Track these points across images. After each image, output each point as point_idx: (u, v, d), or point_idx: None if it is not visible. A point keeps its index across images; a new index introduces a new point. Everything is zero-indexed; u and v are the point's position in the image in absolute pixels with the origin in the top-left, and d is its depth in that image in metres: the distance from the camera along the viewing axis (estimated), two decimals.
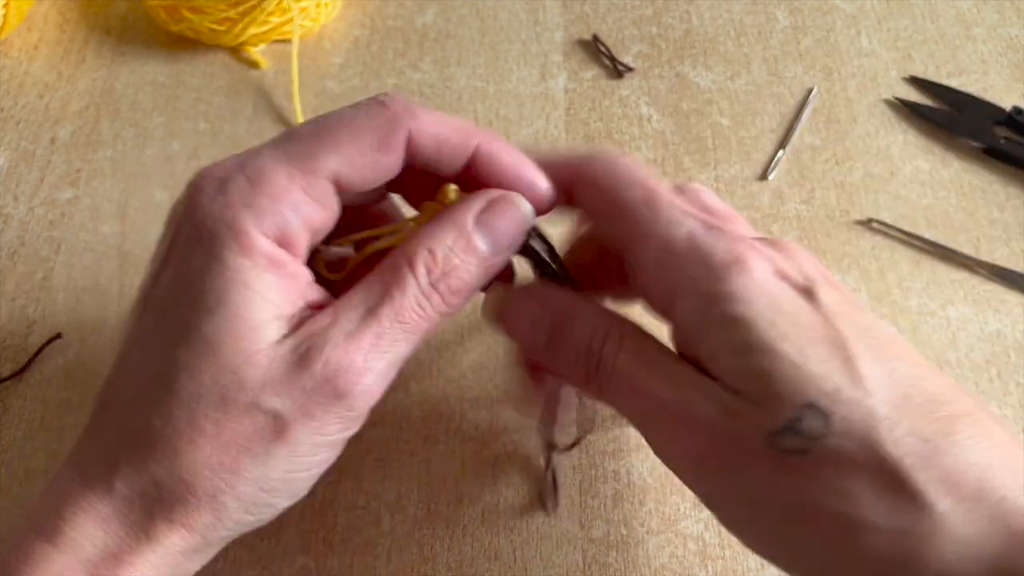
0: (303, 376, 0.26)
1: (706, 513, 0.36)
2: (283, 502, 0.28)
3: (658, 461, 0.37)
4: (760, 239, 0.28)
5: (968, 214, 0.44)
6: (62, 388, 0.40)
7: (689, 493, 0.37)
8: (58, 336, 0.41)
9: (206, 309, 0.26)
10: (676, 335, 0.28)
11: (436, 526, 0.36)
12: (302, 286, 0.28)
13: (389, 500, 0.37)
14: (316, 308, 0.27)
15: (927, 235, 0.44)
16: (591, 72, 0.50)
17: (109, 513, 0.26)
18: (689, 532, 0.36)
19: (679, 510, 0.36)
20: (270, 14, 0.49)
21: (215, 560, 0.35)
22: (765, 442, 0.24)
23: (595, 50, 0.51)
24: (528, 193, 0.29)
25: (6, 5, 0.49)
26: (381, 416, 0.38)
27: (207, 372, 0.26)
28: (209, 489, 0.26)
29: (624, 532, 0.36)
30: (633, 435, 0.38)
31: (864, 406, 0.24)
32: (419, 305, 0.27)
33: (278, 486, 0.27)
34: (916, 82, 0.49)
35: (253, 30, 0.49)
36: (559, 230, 0.33)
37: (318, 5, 0.51)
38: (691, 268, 0.27)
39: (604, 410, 0.39)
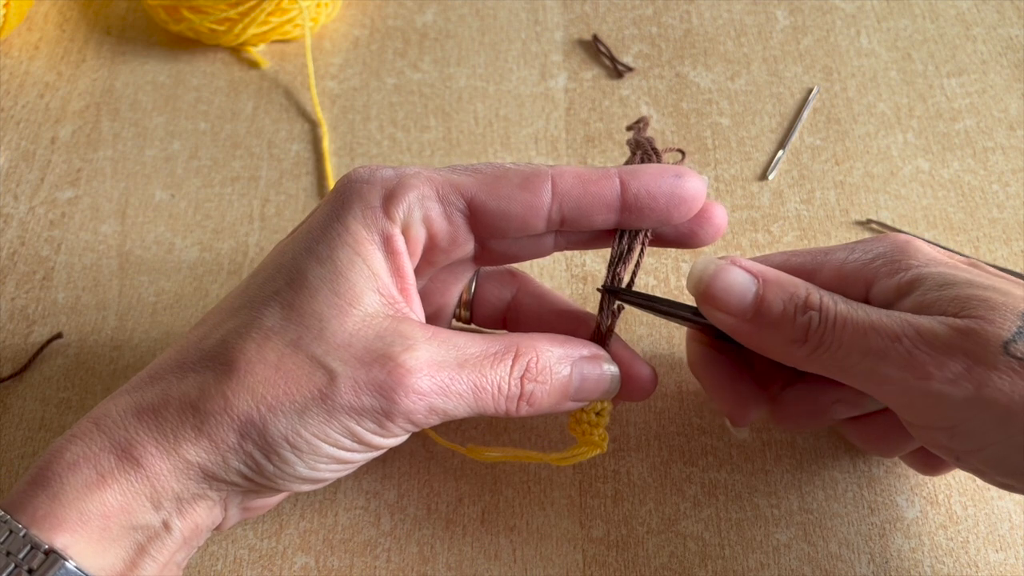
0: (375, 362, 0.28)
1: (706, 513, 0.36)
2: (297, 481, 0.29)
3: (658, 460, 0.38)
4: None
5: (968, 214, 0.44)
6: (62, 388, 0.40)
7: (689, 492, 0.37)
8: (58, 336, 0.41)
9: (317, 258, 0.29)
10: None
11: (436, 526, 0.36)
12: (407, 284, 0.30)
13: (389, 500, 0.37)
14: (427, 324, 0.30)
15: (927, 235, 0.44)
16: (591, 72, 0.50)
17: (147, 405, 0.28)
18: (689, 532, 0.36)
19: (679, 510, 0.36)
20: (270, 14, 0.49)
21: (215, 559, 0.36)
22: (1001, 350, 0.27)
23: (595, 50, 0.51)
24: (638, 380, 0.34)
25: (6, 5, 0.49)
26: None
27: (297, 311, 0.28)
28: (244, 413, 0.27)
29: (624, 532, 0.36)
30: (633, 435, 0.38)
31: None
32: (498, 388, 0.30)
33: (303, 447, 0.28)
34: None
35: (253, 30, 0.49)
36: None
37: (318, 5, 0.51)
38: (873, 263, 0.31)
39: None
